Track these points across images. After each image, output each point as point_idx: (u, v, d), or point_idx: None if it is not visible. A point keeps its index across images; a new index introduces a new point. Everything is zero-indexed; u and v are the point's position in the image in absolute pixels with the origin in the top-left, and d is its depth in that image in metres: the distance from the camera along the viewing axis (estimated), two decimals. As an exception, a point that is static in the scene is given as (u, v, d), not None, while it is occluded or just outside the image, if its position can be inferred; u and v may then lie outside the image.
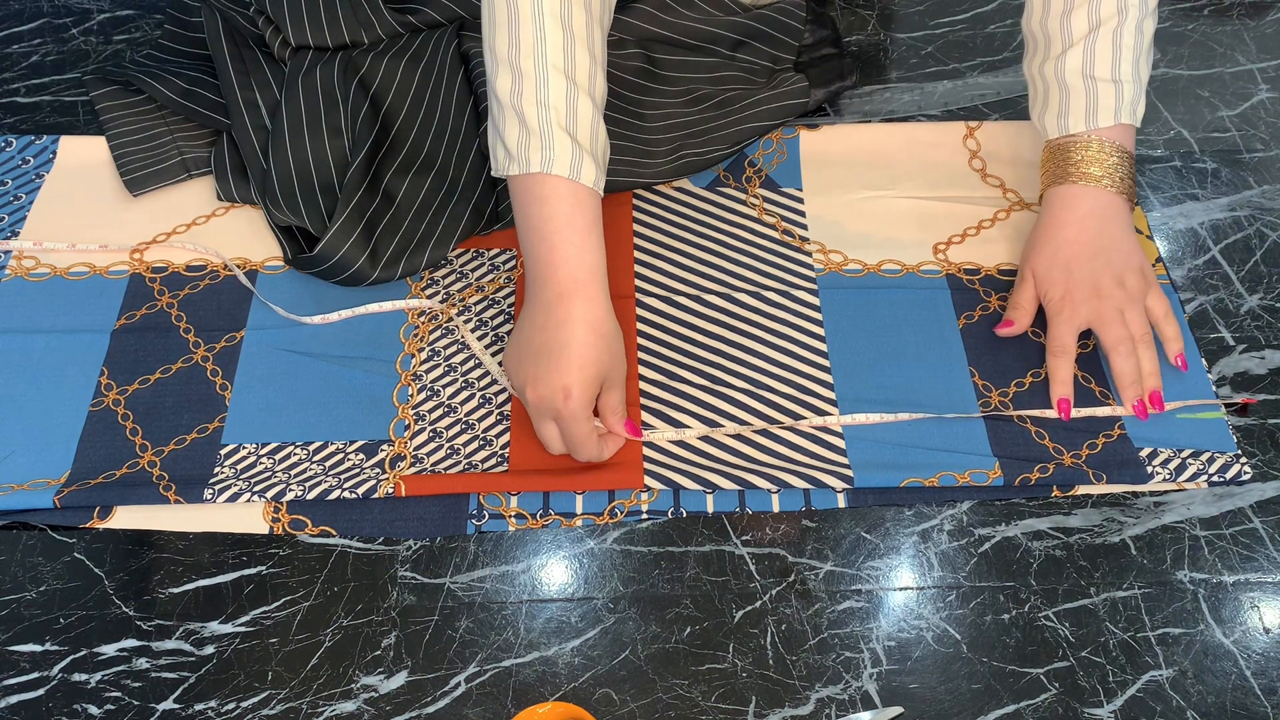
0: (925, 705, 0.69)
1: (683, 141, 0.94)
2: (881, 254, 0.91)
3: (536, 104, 0.75)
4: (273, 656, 0.71)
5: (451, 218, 0.90)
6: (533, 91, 0.75)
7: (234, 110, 0.96)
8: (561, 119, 0.75)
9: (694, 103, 0.95)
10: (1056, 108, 0.85)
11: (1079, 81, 0.83)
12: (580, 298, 0.75)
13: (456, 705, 0.69)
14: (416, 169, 0.92)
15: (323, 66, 0.97)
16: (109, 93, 1.00)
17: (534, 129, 0.75)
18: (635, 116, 0.94)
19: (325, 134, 0.93)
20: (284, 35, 0.99)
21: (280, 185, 0.91)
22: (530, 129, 0.75)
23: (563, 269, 0.75)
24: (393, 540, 0.76)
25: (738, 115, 0.95)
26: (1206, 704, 0.69)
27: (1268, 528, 0.76)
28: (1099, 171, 0.83)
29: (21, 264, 0.91)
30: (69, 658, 0.71)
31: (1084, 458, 0.79)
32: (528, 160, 0.75)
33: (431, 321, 0.87)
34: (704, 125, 0.95)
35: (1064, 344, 0.82)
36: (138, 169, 0.95)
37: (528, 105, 0.75)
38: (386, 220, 0.89)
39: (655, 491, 0.78)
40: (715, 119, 0.95)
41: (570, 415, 0.74)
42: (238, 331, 0.86)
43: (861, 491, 0.77)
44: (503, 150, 0.77)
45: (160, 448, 0.80)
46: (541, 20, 0.74)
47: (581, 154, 0.75)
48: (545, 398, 0.74)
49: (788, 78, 0.98)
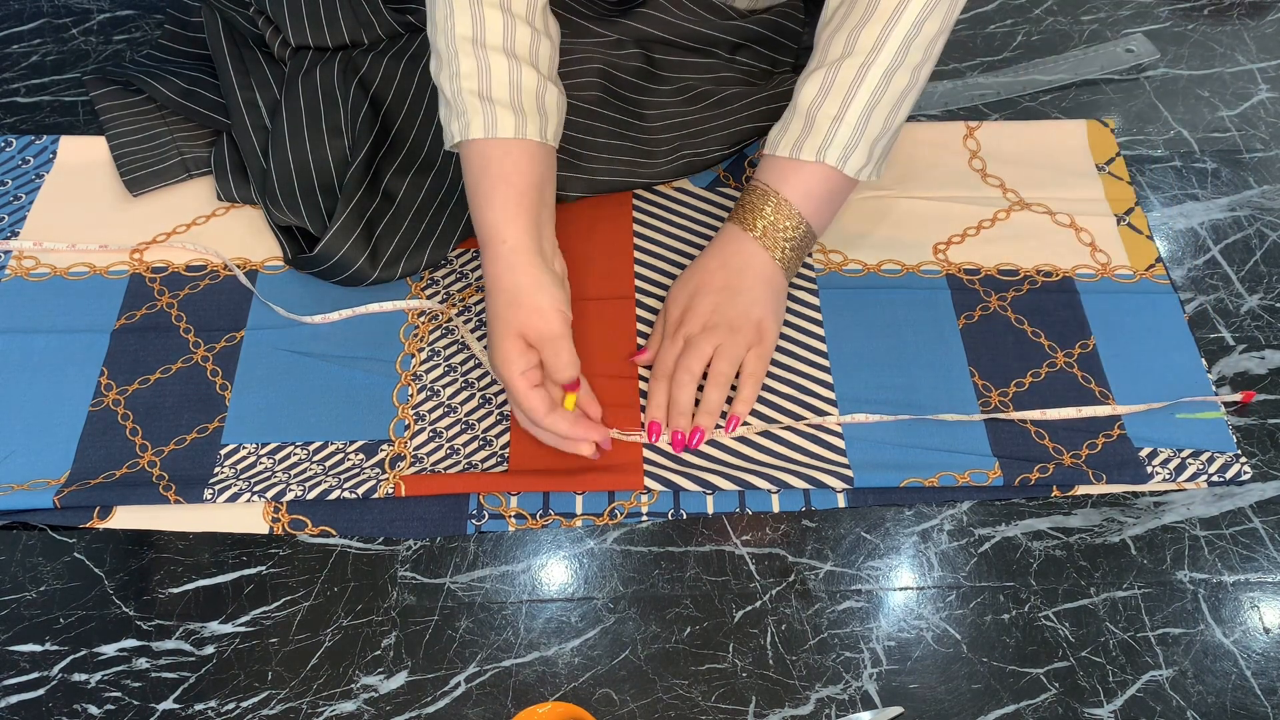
0: (925, 705, 0.69)
1: (683, 141, 0.94)
2: (881, 254, 0.91)
3: (449, 76, 0.77)
4: (273, 656, 0.71)
5: (451, 218, 0.90)
6: (445, 67, 0.77)
7: (234, 110, 0.96)
8: (473, 85, 0.76)
9: (693, 101, 0.95)
10: (783, 122, 0.82)
11: (805, 106, 0.80)
12: (489, 258, 0.76)
13: (456, 705, 0.69)
14: (416, 169, 0.92)
15: (323, 66, 0.97)
16: (109, 93, 1.00)
17: (450, 101, 0.77)
18: (635, 117, 0.94)
19: (325, 134, 0.93)
20: (284, 35, 0.99)
21: (280, 185, 0.91)
22: (448, 102, 0.77)
23: (480, 233, 0.77)
24: (393, 540, 0.76)
25: (737, 115, 0.95)
26: (1206, 704, 0.69)
27: (1268, 528, 0.76)
28: (778, 244, 0.81)
29: (21, 264, 0.91)
30: (69, 658, 0.71)
31: (1084, 458, 0.79)
32: (451, 134, 0.77)
33: (431, 322, 0.87)
34: (703, 125, 0.95)
35: (665, 366, 0.81)
36: (138, 169, 0.95)
37: (444, 80, 0.77)
38: (386, 220, 0.89)
39: (655, 493, 0.78)
40: (715, 119, 0.95)
41: (505, 385, 0.75)
42: (238, 331, 0.86)
43: (861, 492, 0.77)
44: (445, 130, 0.79)
45: (160, 448, 0.80)
46: (452, 3, 0.76)
47: (492, 110, 0.76)
48: (499, 365, 0.75)
49: (786, 78, 0.98)
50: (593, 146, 0.92)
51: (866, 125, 0.79)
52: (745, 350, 0.80)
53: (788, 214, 0.81)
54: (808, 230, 0.82)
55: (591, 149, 0.92)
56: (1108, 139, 1.00)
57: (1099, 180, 0.97)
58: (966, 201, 0.95)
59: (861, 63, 0.78)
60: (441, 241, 0.89)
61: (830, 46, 0.79)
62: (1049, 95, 1.04)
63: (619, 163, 0.92)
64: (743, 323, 0.80)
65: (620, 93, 0.95)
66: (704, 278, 0.82)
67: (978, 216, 0.94)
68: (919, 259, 0.91)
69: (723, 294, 0.81)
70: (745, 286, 0.81)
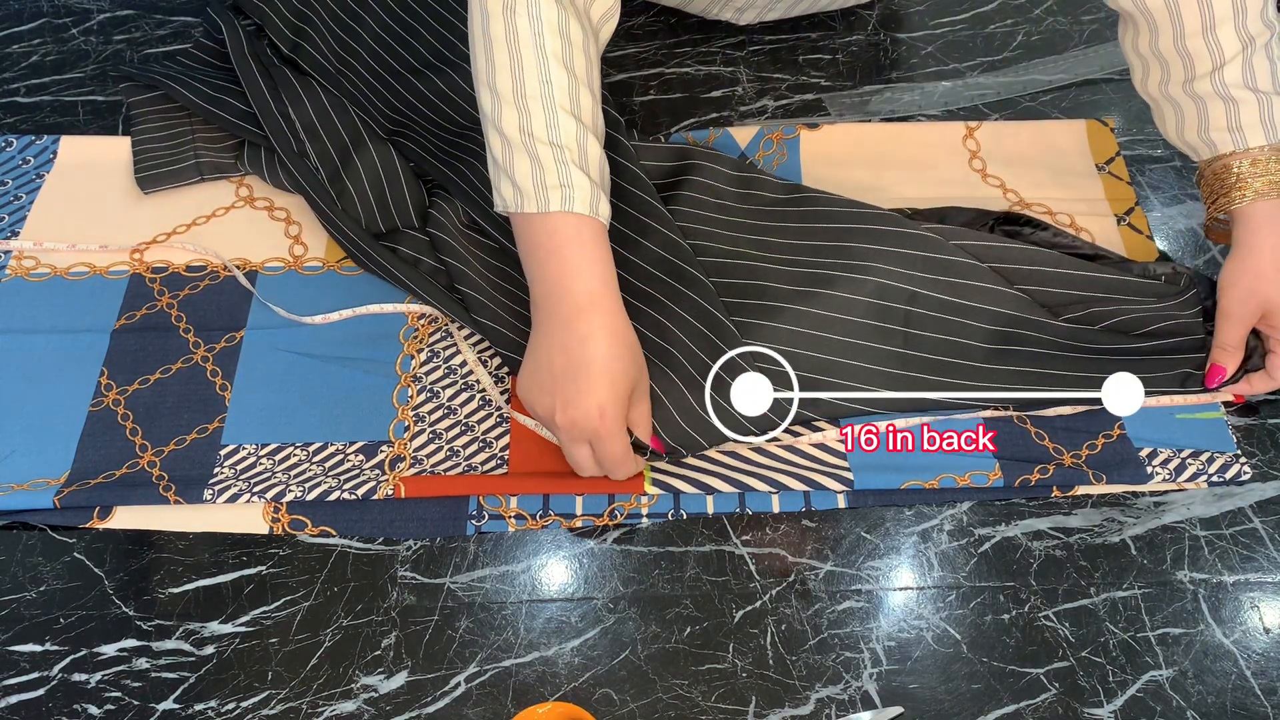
0: (925, 705, 0.69)
1: None
2: (881, 254, 0.91)
3: (550, 144, 0.73)
4: (273, 656, 0.71)
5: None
6: (544, 131, 0.74)
7: (266, 116, 0.95)
8: (575, 157, 0.74)
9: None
10: (1225, 121, 0.80)
11: (1247, 95, 0.79)
12: (599, 310, 0.73)
13: (456, 705, 0.69)
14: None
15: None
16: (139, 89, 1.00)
17: (549, 167, 0.73)
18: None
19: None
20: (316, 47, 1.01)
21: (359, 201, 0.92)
22: (545, 167, 0.73)
23: (578, 283, 0.73)
24: (393, 540, 0.76)
25: None
26: (1206, 704, 0.69)
27: (1268, 528, 0.76)
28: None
29: (21, 264, 0.91)
30: (69, 658, 0.71)
31: (1084, 458, 0.79)
32: (547, 199, 0.73)
33: (431, 324, 0.87)
34: None
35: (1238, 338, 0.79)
36: (153, 167, 0.95)
37: (540, 144, 0.73)
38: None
39: (655, 495, 0.78)
40: None
41: (608, 433, 0.72)
42: (237, 332, 0.86)
43: (862, 492, 0.77)
44: (509, 186, 0.75)
45: (160, 448, 0.80)
46: (546, 63, 0.74)
47: (598, 191, 0.74)
48: (578, 420, 0.71)
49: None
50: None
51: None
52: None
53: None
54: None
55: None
56: (1108, 139, 1.00)
57: (1099, 180, 0.97)
58: (966, 201, 0.95)
59: (1267, 41, 0.79)
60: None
61: (1221, 43, 0.79)
62: (1049, 95, 1.04)
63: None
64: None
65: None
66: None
67: (978, 216, 0.94)
68: (919, 259, 0.91)
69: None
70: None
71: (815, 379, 0.81)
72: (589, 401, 0.71)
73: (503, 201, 0.76)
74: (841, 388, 0.80)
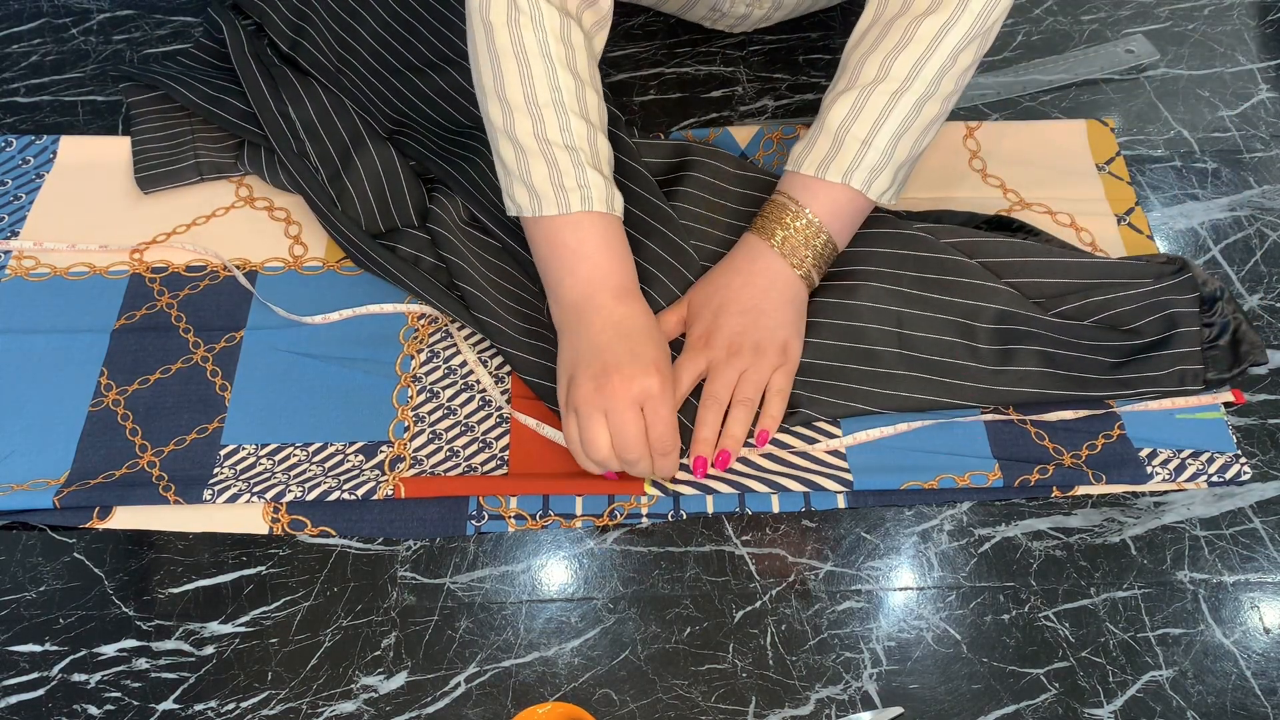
0: (925, 705, 0.69)
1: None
2: (881, 254, 0.91)
3: (565, 147, 0.76)
4: (273, 656, 0.71)
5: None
6: (558, 135, 0.76)
7: (266, 115, 0.95)
8: (589, 159, 0.76)
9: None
10: (808, 140, 0.81)
11: (834, 126, 0.79)
12: (634, 298, 0.77)
13: (456, 705, 0.69)
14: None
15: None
16: (139, 89, 1.00)
17: (566, 170, 0.76)
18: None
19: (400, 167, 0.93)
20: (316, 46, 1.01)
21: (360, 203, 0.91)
22: (563, 170, 0.76)
23: (614, 277, 0.77)
24: (393, 540, 0.76)
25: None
26: (1206, 704, 0.69)
27: (1268, 528, 0.76)
28: (798, 253, 0.79)
29: (21, 264, 0.91)
30: (69, 658, 0.71)
31: (1084, 458, 0.79)
32: (568, 202, 0.76)
33: (431, 324, 0.87)
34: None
35: (683, 390, 0.78)
36: (153, 167, 0.95)
37: (556, 149, 0.76)
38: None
39: (655, 496, 0.78)
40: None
41: (661, 392, 0.73)
42: (237, 332, 0.86)
43: (862, 492, 0.77)
44: (525, 192, 0.77)
45: (160, 448, 0.80)
46: (554, 70, 0.76)
47: (611, 186, 0.78)
48: (635, 378, 0.72)
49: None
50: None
51: (894, 151, 0.79)
52: (770, 373, 0.79)
53: (811, 227, 0.80)
54: (829, 242, 0.80)
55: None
56: (1108, 139, 1.00)
57: (1099, 180, 0.97)
58: (966, 202, 0.95)
59: (895, 90, 0.78)
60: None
61: (863, 69, 0.79)
62: (1049, 95, 1.04)
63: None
64: (769, 345, 0.78)
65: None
66: (728, 295, 0.80)
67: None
68: (919, 259, 0.91)
69: (748, 315, 0.79)
70: (771, 307, 0.79)
71: (815, 379, 0.81)
72: (646, 359, 0.73)
73: (517, 207, 0.78)
74: (841, 388, 0.80)
